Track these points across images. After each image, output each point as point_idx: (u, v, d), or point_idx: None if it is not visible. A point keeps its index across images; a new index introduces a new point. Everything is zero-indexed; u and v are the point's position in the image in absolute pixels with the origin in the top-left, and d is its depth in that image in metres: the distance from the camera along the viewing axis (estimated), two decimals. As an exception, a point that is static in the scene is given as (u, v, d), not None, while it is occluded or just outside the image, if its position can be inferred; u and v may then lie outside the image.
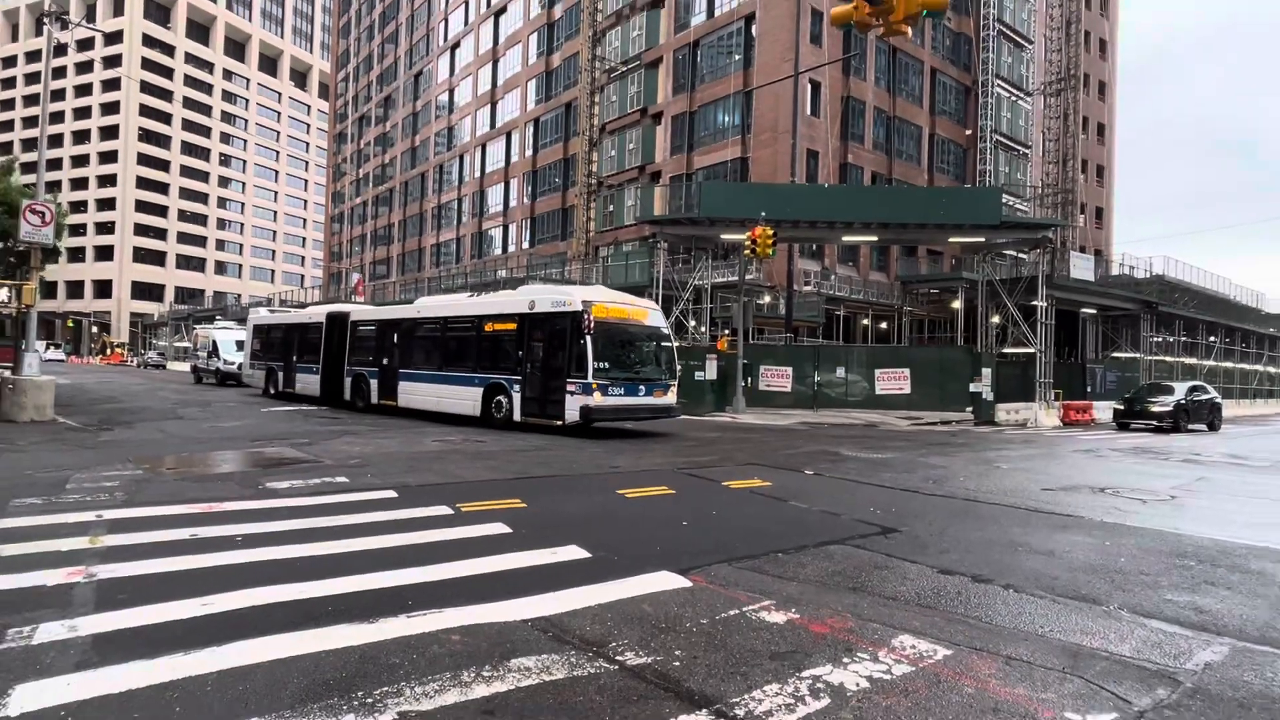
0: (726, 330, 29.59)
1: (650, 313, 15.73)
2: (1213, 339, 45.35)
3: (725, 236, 26.26)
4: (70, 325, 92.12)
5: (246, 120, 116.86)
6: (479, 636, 3.70)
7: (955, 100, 43.71)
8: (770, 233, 20.94)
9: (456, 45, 62.14)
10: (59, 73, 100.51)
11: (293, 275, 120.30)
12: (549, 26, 50.85)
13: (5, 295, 18.43)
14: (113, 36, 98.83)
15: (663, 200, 38.53)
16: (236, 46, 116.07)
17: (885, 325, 40.59)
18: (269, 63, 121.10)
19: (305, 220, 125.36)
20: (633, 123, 42.35)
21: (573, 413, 13.89)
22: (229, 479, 8.45)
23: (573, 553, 5.41)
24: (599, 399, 13.83)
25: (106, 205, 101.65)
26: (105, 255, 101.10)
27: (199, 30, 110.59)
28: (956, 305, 36.06)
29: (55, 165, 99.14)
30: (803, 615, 4.18)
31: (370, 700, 2.94)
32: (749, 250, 21.27)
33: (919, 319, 41.38)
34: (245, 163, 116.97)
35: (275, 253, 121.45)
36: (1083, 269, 33.89)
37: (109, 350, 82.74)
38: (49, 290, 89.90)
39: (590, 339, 13.78)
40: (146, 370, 56.66)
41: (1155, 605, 4.63)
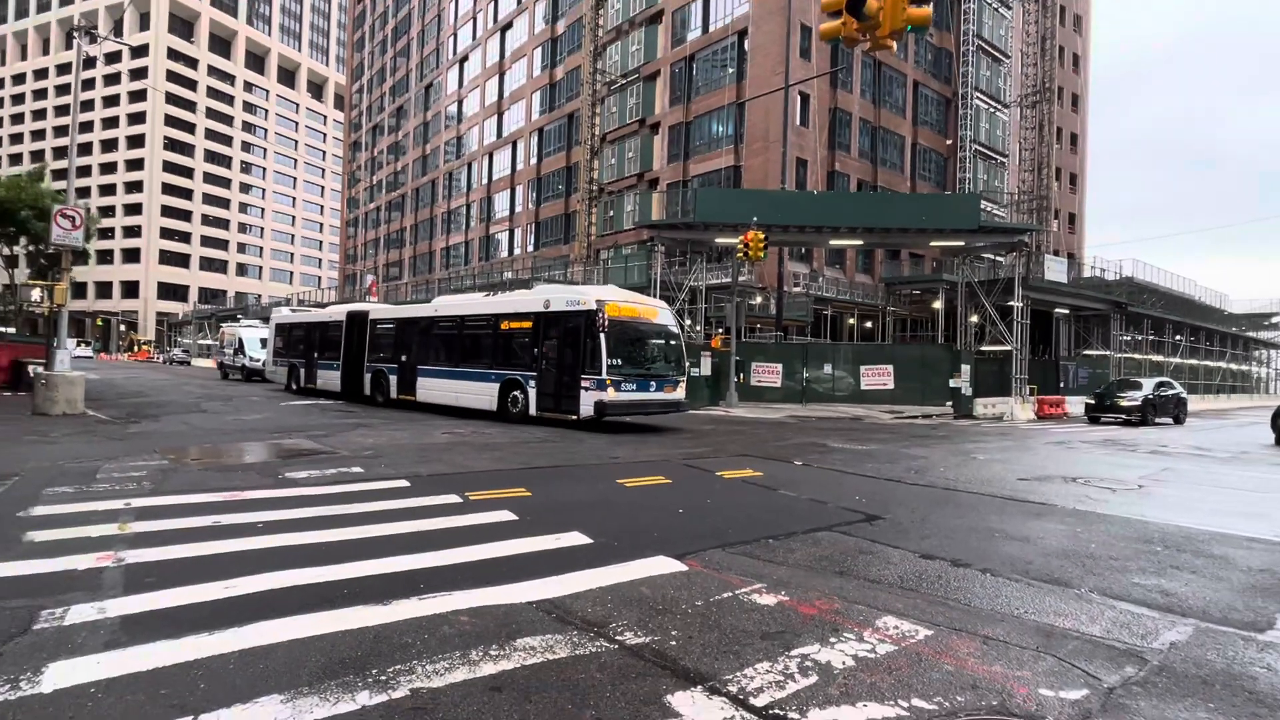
0: (720, 329, 29.58)
1: (660, 311, 15.49)
2: (1179, 338, 45.45)
3: (719, 240, 26.25)
4: (99, 324, 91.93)
5: (266, 129, 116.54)
6: (486, 617, 3.70)
7: (936, 111, 43.65)
8: (762, 237, 20.94)
9: (465, 59, 61.95)
10: (88, 84, 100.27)
11: (310, 277, 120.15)
12: (552, 41, 50.72)
13: (38, 295, 18.40)
14: (139, 50, 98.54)
15: (660, 206, 38.57)
16: (256, 59, 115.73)
17: (870, 324, 40.60)
18: (287, 75, 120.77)
19: (322, 225, 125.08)
20: (632, 132, 42.26)
21: (587, 408, 13.71)
22: (250, 469, 8.43)
23: (575, 539, 5.41)
24: (613, 394, 13.65)
25: (133, 210, 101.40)
26: (132, 258, 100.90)
27: (221, 44, 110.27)
28: (937, 305, 36.04)
29: (84, 172, 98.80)
30: (792, 598, 4.19)
31: (384, 678, 2.95)
32: (741, 253, 21.27)
33: (902, 318, 41.36)
34: (265, 170, 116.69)
35: (293, 255, 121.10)
36: (1056, 271, 33.94)
37: (136, 348, 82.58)
38: (79, 291, 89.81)
39: (604, 337, 13.60)
40: (172, 367, 56.57)
41: (1124, 588, 4.64)
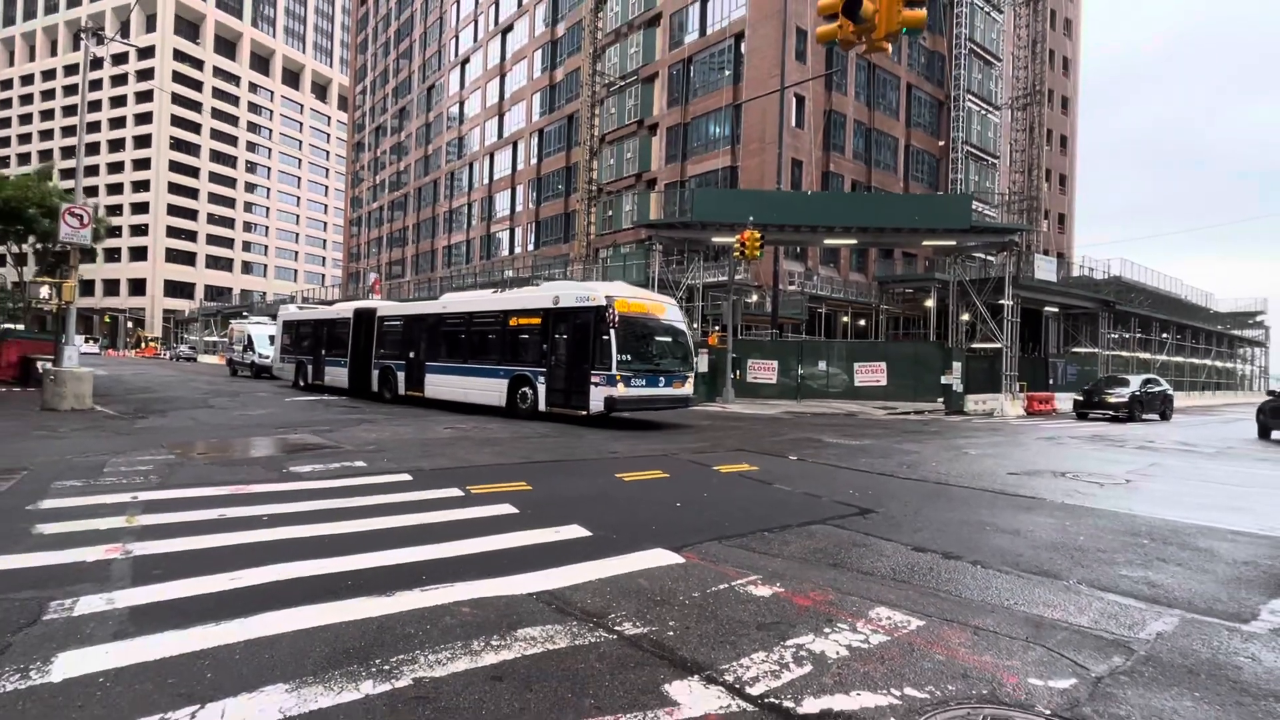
0: (717, 326, 29.59)
1: (668, 307, 15.30)
2: (1165, 335, 45.53)
3: (716, 239, 26.22)
4: (107, 321, 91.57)
5: (270, 129, 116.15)
6: (488, 608, 3.70)
7: (929, 113, 43.63)
8: (758, 236, 20.91)
9: (466, 61, 61.78)
10: (95, 85, 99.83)
11: (314, 275, 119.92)
12: (552, 44, 50.59)
13: (46, 292, 18.31)
14: (145, 51, 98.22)
15: (658, 205, 38.55)
16: (261, 61, 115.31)
17: (864, 322, 40.65)
18: (291, 76, 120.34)
19: (326, 223, 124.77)
20: (630, 133, 42.20)
21: (597, 403, 13.49)
22: (255, 463, 8.42)
23: (575, 531, 5.41)
24: (622, 390, 13.48)
25: (140, 209, 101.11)
26: (139, 255, 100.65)
27: (226, 46, 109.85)
28: (929, 304, 36.06)
29: (92, 171, 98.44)
30: (787, 589, 4.19)
31: (388, 668, 2.95)
32: (738, 252, 21.24)
33: (895, 316, 41.41)
34: (269, 169, 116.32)
35: (298, 253, 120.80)
36: (1046, 270, 33.91)
37: (143, 344, 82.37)
38: (87, 288, 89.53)
39: (614, 332, 13.40)
40: (178, 363, 56.40)
41: (1111, 580, 4.65)
